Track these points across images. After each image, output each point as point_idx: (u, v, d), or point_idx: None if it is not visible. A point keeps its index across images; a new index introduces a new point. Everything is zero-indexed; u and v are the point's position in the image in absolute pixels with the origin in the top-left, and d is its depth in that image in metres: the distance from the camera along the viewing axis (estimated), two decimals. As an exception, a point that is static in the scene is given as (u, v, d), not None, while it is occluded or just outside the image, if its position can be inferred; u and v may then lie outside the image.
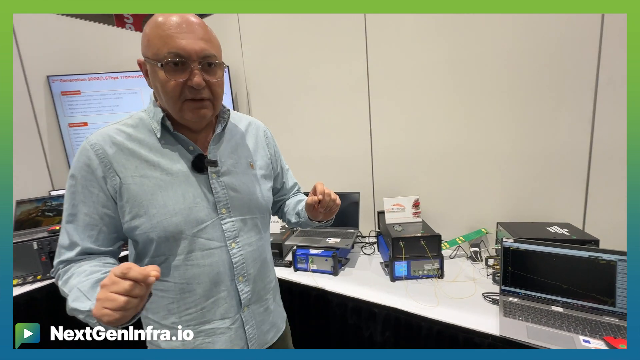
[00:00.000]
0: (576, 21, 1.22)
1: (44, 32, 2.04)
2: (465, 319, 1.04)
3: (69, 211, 0.66)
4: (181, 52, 0.61)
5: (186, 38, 0.61)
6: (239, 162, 0.78)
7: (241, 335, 0.76)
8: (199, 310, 0.71)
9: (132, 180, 0.65)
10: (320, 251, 1.45)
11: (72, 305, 0.58)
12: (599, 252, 1.00)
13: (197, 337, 0.72)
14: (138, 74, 2.21)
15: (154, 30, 0.62)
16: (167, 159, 0.69)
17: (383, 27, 1.62)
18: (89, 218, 0.65)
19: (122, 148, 0.66)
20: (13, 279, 1.48)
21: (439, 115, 1.56)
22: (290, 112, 2.05)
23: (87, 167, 0.64)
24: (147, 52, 0.64)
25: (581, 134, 1.27)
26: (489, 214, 1.49)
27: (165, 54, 0.61)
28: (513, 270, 1.12)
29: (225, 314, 0.73)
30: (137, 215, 0.66)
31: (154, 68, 0.63)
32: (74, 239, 0.65)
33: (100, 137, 0.66)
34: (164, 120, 0.68)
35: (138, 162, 0.66)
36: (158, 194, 0.66)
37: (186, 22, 0.62)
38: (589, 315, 0.98)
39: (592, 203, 1.29)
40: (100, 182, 0.64)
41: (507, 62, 1.37)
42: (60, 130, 2.12)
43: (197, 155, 0.71)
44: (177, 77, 0.62)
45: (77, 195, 0.65)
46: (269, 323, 0.84)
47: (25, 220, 1.74)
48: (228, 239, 0.73)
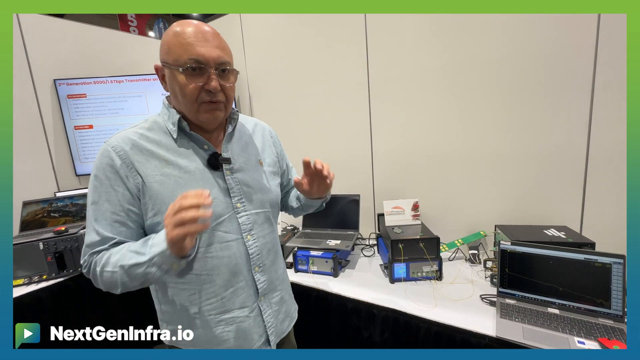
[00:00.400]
0: (572, 26, 1.24)
1: (51, 36, 2.08)
2: (462, 320, 1.06)
3: (95, 210, 0.69)
4: (200, 58, 0.67)
5: (204, 46, 0.67)
6: (249, 160, 0.83)
7: (259, 323, 0.81)
8: (219, 300, 0.75)
9: (153, 179, 0.70)
10: (320, 253, 1.47)
11: (130, 262, 0.63)
12: (594, 255, 1.02)
13: (217, 326, 0.76)
14: (142, 78, 2.25)
15: (174, 39, 0.67)
16: (184, 158, 0.73)
17: (383, 31, 1.65)
18: (116, 216, 0.69)
19: (142, 149, 0.71)
20: (19, 278, 1.51)
21: (439, 119, 1.58)
22: (291, 115, 2.07)
23: (110, 168, 0.68)
24: (167, 58, 0.68)
25: (578, 138, 1.29)
26: (487, 217, 1.51)
27: (186, 60, 0.66)
28: (510, 273, 1.14)
29: (243, 303, 0.78)
30: (159, 211, 0.70)
31: (174, 73, 0.68)
32: (105, 234, 0.68)
33: (120, 139, 0.70)
34: (180, 121, 0.73)
35: (157, 162, 0.71)
36: (178, 190, 0.70)
37: (203, 32, 0.68)
38: (584, 317, 1.00)
39: (589, 206, 1.30)
40: (124, 181, 0.68)
41: (505, 66, 1.39)
42: (66, 133, 2.15)
43: (212, 153, 0.76)
44: (196, 81, 0.68)
45: (103, 194, 0.68)
46: (283, 313, 0.88)
47: (32, 221, 1.77)
48: (244, 231, 0.77)
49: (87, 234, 0.70)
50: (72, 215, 1.82)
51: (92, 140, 2.20)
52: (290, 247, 1.60)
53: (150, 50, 2.64)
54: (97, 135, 2.21)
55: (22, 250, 1.51)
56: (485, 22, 1.40)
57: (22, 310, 1.43)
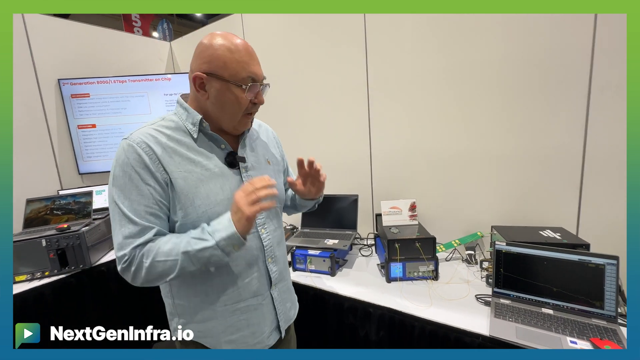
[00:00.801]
0: (569, 28, 1.25)
1: (55, 36, 2.11)
2: (457, 319, 1.07)
3: (127, 205, 0.70)
4: (255, 77, 0.75)
5: (256, 65, 0.76)
6: (259, 159, 0.89)
7: (271, 310, 0.86)
8: (236, 289, 0.80)
9: (178, 175, 0.73)
10: (318, 252, 1.49)
11: (196, 247, 0.68)
12: (588, 256, 1.02)
13: (233, 315, 0.80)
14: (144, 78, 2.28)
15: (230, 55, 0.72)
16: (204, 157, 0.77)
17: (382, 33, 1.67)
18: (149, 208, 0.71)
19: (165, 147, 0.73)
20: (22, 274, 1.54)
21: (437, 120, 1.60)
22: (290, 115, 2.09)
23: (139, 163, 0.70)
24: (223, 72, 0.72)
25: (575, 139, 1.30)
26: (485, 218, 1.52)
27: (245, 77, 0.73)
28: (505, 273, 1.15)
29: (257, 292, 0.83)
30: (184, 206, 0.73)
31: (229, 86, 0.73)
32: (146, 224, 0.70)
33: (143, 136, 0.72)
34: (201, 122, 0.77)
35: (180, 159, 0.74)
36: (201, 187, 0.74)
37: (250, 50, 0.76)
38: (578, 318, 1.01)
39: (586, 208, 1.31)
40: (154, 175, 0.71)
41: (502, 68, 1.40)
42: (70, 132, 2.19)
43: (229, 152, 0.81)
44: (250, 95, 0.76)
45: (134, 189, 0.70)
46: (290, 301, 0.95)
47: (35, 218, 1.80)
48: (258, 225, 0.83)
49: (122, 226, 0.70)
50: (75, 213, 1.84)
51: (94, 139, 2.24)
52: (289, 246, 1.62)
53: (152, 51, 2.67)
54: (99, 135, 2.24)
55: (24, 247, 1.54)
56: (483, 24, 1.41)
57: (24, 306, 1.45)
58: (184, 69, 2.71)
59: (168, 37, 7.58)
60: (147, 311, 1.89)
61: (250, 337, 0.83)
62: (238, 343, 0.82)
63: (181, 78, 2.37)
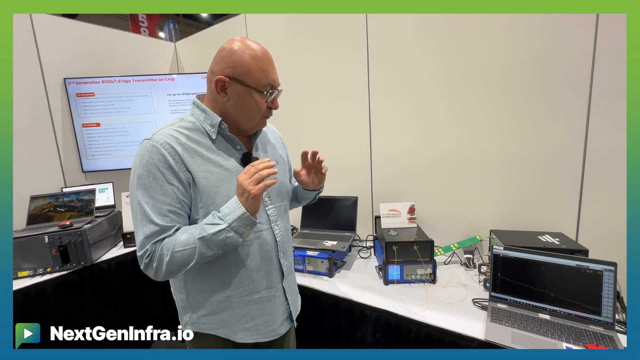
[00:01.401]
0: (571, 31, 1.25)
1: (62, 36, 2.15)
2: (453, 323, 1.07)
3: (150, 204, 0.73)
4: (273, 84, 0.80)
5: (274, 73, 0.80)
6: (270, 158, 0.90)
7: (283, 301, 0.91)
8: (251, 282, 0.84)
9: (200, 175, 0.76)
10: (316, 253, 1.49)
11: (210, 231, 0.71)
12: (586, 262, 1.02)
13: (247, 305, 0.84)
14: (149, 78, 2.30)
15: (253, 62, 0.75)
16: (221, 157, 0.81)
17: (384, 34, 1.67)
18: (172, 207, 0.74)
19: (187, 147, 0.76)
20: (24, 270, 1.56)
21: (437, 123, 1.60)
22: (292, 116, 2.10)
23: (163, 164, 0.73)
24: (246, 78, 0.76)
25: (575, 144, 1.29)
26: (484, 222, 1.51)
27: (265, 84, 0.78)
28: (502, 277, 1.14)
29: (271, 284, 0.87)
30: (206, 204, 0.77)
31: (250, 91, 0.77)
32: (164, 224, 0.73)
33: (165, 136, 0.75)
34: (220, 124, 0.80)
35: (201, 160, 0.77)
36: (221, 186, 0.78)
37: (269, 57, 0.79)
38: (574, 324, 1.00)
39: (586, 213, 1.30)
40: (178, 175, 0.74)
41: (503, 71, 1.40)
42: (74, 130, 2.22)
43: (244, 153, 0.85)
44: (267, 100, 0.80)
45: (158, 189, 0.73)
46: (296, 293, 1.01)
47: (38, 214, 1.83)
48: (272, 222, 0.88)
49: (144, 225, 0.73)
50: (78, 210, 1.87)
51: (98, 137, 2.27)
52: (288, 246, 1.63)
53: (157, 51, 2.70)
54: (103, 133, 2.27)
55: (27, 243, 1.56)
56: (484, 27, 1.41)
57: (26, 302, 1.47)
58: (188, 69, 2.74)
59: (174, 37, 7.65)
60: (147, 311, 1.91)
61: (263, 325, 0.87)
62: (252, 331, 0.86)
63: (185, 78, 2.39)
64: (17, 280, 1.53)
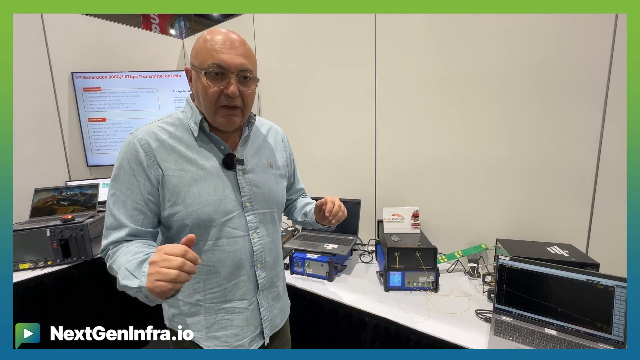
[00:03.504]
0: (588, 35, 1.20)
1: (72, 31, 2.16)
2: (454, 334, 1.03)
3: (117, 197, 0.73)
4: (222, 64, 0.71)
5: (229, 53, 0.71)
6: (261, 162, 0.88)
7: (256, 316, 0.86)
8: (222, 290, 0.80)
9: (172, 173, 0.74)
10: (317, 256, 1.47)
11: (123, 282, 0.64)
12: (596, 277, 0.97)
13: (218, 313, 0.81)
14: (155, 74, 2.30)
15: (203, 44, 0.72)
16: (201, 156, 0.78)
17: (392, 37, 1.64)
18: (136, 204, 0.73)
19: (164, 144, 0.75)
20: (25, 262, 1.57)
21: (445, 128, 1.56)
22: (297, 116, 2.08)
23: (134, 159, 0.72)
24: (194, 61, 0.73)
25: (588, 153, 1.24)
26: (490, 230, 1.47)
27: (210, 65, 0.71)
28: (508, 289, 1.10)
29: (243, 296, 0.83)
30: (175, 203, 0.74)
31: (198, 75, 0.72)
32: (123, 221, 0.72)
33: (145, 133, 0.75)
34: (202, 122, 0.77)
35: (177, 157, 0.75)
36: (194, 186, 0.75)
37: (231, 40, 0.72)
38: (583, 341, 0.96)
39: (597, 225, 1.25)
40: (146, 172, 0.72)
41: (513, 75, 1.35)
42: (80, 124, 2.23)
43: (227, 154, 0.80)
44: (217, 85, 0.72)
45: (125, 183, 0.73)
46: (278, 308, 0.93)
47: (42, 207, 1.84)
48: (250, 229, 0.82)
49: (106, 217, 0.75)
50: (80, 204, 1.87)
51: (104, 132, 2.27)
52: (288, 248, 1.60)
53: (165, 48, 2.70)
54: (109, 128, 2.28)
55: (29, 236, 1.57)
56: (495, 29, 1.36)
57: (26, 295, 1.48)
58: (195, 66, 2.73)
59: (184, 34, 7.70)
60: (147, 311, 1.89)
61: (233, 338, 0.83)
62: (220, 341, 0.82)
63: (191, 75, 2.38)
64: (18, 272, 1.54)
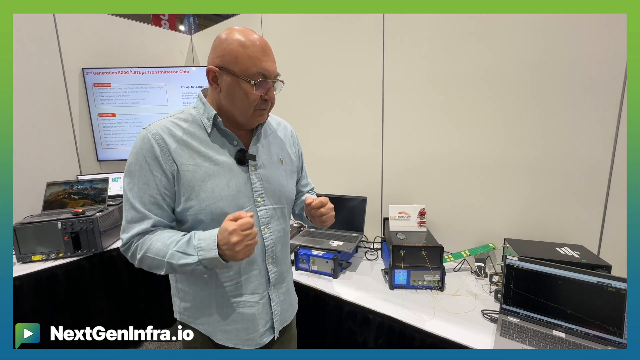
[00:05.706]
0: (604, 33, 1.16)
1: (83, 27, 2.19)
2: (460, 334, 1.02)
3: (134, 192, 0.74)
4: (266, 73, 0.74)
5: (268, 61, 0.74)
6: (272, 158, 0.88)
7: (267, 310, 0.86)
8: (234, 284, 0.81)
9: (186, 168, 0.75)
10: (322, 253, 1.47)
11: (180, 262, 0.70)
12: (608, 279, 0.95)
13: (229, 307, 0.82)
14: (164, 70, 2.32)
15: (242, 50, 0.72)
16: (215, 152, 0.78)
17: (400, 36, 1.61)
18: (153, 198, 0.74)
19: (178, 139, 0.76)
20: (38, 254, 1.61)
21: (453, 125, 1.53)
22: (305, 113, 2.07)
23: (150, 154, 0.73)
24: (233, 67, 0.72)
25: (602, 152, 1.21)
26: (499, 229, 1.45)
27: (255, 73, 0.72)
28: (515, 290, 1.09)
29: (255, 290, 0.84)
30: (189, 198, 0.75)
31: (239, 81, 0.73)
32: (146, 213, 0.74)
33: (159, 128, 0.75)
34: (215, 118, 0.78)
35: (191, 152, 0.76)
36: (207, 181, 0.76)
37: (265, 46, 0.75)
38: (592, 344, 0.94)
39: (610, 227, 1.22)
40: (162, 167, 0.73)
41: (525, 73, 1.32)
42: (91, 120, 2.26)
43: (239, 149, 0.81)
44: (259, 91, 0.74)
45: (142, 177, 0.73)
46: (288, 303, 0.94)
47: (54, 201, 1.88)
48: (262, 224, 0.83)
49: (126, 211, 0.75)
50: (90, 198, 1.91)
51: (114, 127, 2.31)
52: (293, 244, 1.60)
53: (174, 43, 2.72)
54: (118, 124, 2.31)
55: (42, 228, 1.61)
56: (508, 31, 1.33)
57: (39, 285, 1.52)
58: (203, 62, 2.74)
59: (194, 30, 7.73)
60: (147, 311, 1.92)
61: (243, 332, 0.84)
62: (231, 335, 0.83)
63: (199, 71, 2.39)
64: (30, 263, 1.58)
